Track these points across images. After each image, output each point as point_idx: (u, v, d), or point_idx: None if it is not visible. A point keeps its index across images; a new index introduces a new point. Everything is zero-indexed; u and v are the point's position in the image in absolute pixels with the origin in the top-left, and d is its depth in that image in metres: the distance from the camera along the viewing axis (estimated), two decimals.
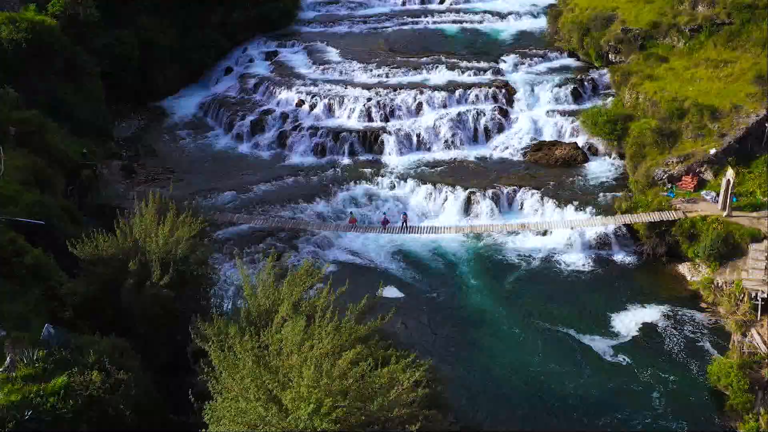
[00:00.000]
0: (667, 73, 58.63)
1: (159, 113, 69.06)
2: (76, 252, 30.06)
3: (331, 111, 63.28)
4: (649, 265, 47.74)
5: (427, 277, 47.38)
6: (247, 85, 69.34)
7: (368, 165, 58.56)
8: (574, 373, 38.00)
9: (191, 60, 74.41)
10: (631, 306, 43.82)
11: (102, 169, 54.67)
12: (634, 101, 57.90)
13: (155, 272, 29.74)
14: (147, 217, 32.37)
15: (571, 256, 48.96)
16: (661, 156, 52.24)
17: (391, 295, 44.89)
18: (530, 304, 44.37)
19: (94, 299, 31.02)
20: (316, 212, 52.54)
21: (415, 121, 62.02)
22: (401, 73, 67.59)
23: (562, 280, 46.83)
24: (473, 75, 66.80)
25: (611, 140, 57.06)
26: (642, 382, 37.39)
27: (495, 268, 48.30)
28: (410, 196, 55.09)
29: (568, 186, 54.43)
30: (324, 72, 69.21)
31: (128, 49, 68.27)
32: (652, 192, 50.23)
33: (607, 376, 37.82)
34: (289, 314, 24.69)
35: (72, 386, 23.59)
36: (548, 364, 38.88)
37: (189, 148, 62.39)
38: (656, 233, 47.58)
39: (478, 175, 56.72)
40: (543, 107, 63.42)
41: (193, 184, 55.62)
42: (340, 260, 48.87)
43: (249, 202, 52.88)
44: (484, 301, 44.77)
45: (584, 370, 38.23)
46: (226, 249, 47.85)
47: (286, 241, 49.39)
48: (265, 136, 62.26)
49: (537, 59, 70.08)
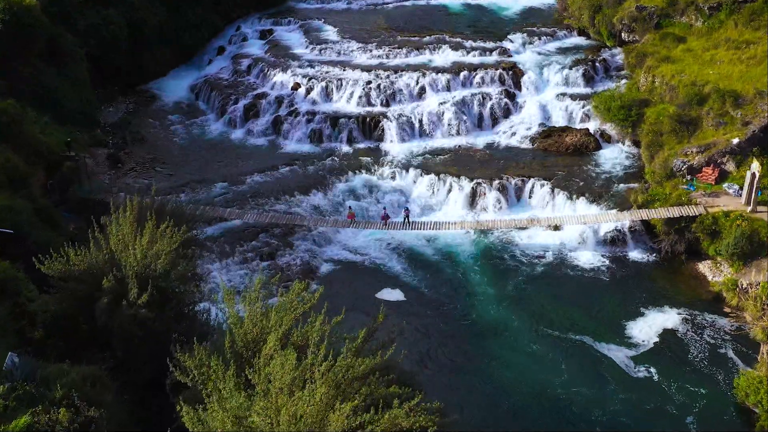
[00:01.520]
0: (685, 54, 55.23)
1: (148, 96, 65.80)
2: (44, 269, 27.18)
3: (329, 95, 59.93)
4: (667, 263, 44.81)
5: (430, 276, 44.51)
6: (240, 66, 65.95)
7: (368, 153, 55.43)
8: (593, 387, 35.20)
9: (182, 40, 71.09)
10: (649, 309, 40.98)
11: (86, 159, 51.61)
12: (650, 85, 54.57)
13: (132, 290, 26.97)
14: (124, 227, 29.45)
15: (583, 253, 46.06)
16: (679, 145, 49.07)
17: (392, 298, 42.25)
18: (541, 307, 41.54)
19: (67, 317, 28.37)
20: (313, 205, 49.53)
21: (418, 105, 58.72)
22: (403, 53, 64.12)
23: (575, 280, 43.96)
24: (479, 56, 63.34)
25: (625, 127, 53.82)
26: (665, 398, 34.59)
27: (503, 267, 45.43)
28: (412, 187, 52.05)
29: (579, 176, 51.35)
30: (321, 52, 65.74)
31: (115, 29, 64.66)
32: (670, 184, 47.14)
33: (627, 390, 34.99)
34: (277, 350, 21.85)
35: (36, 426, 21.05)
36: (564, 376, 36.09)
37: (179, 134, 59.17)
38: (675, 229, 44.57)
39: (484, 163, 53.61)
40: (552, 90, 60.13)
41: (182, 175, 52.63)
42: (338, 258, 46.03)
43: (241, 195, 49.81)
44: (491, 303, 41.93)
45: (603, 383, 35.39)
46: (217, 247, 45.02)
47: (280, 238, 46.45)
48: (258, 122, 58.99)
49: (545, 38, 66.64)
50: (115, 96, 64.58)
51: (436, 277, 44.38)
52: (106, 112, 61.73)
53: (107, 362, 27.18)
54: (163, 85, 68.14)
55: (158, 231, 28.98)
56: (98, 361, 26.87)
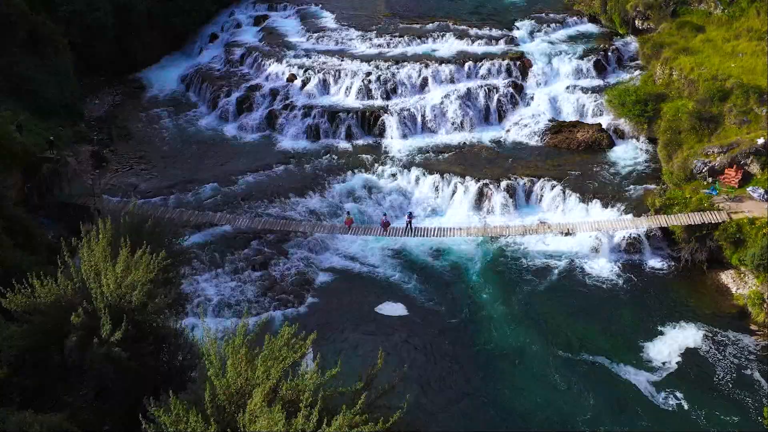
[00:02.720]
0: (704, 45, 51.97)
1: (136, 87, 62.60)
2: (5, 304, 24.29)
3: (326, 87, 56.70)
4: (686, 273, 41.97)
5: (434, 287, 41.66)
6: (233, 55, 62.61)
7: (367, 150, 52.35)
8: (614, 417, 32.40)
9: (173, 26, 67.75)
10: (668, 325, 38.22)
11: (68, 158, 48.56)
12: (667, 78, 51.41)
13: (105, 326, 24.10)
14: (97, 253, 26.52)
15: (597, 261, 43.24)
16: (699, 144, 46.04)
17: (393, 313, 39.46)
18: (554, 323, 38.74)
19: (35, 352, 25.57)
20: (309, 208, 46.52)
21: (420, 98, 55.55)
22: (404, 42, 60.78)
23: (589, 291, 41.14)
24: (484, 44, 60.04)
25: (641, 123, 50.75)
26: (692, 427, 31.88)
27: (512, 276, 42.59)
28: (414, 187, 49.06)
29: (592, 176, 48.36)
30: (318, 41, 62.38)
31: (101, 16, 61.53)
32: (690, 187, 44.19)
33: (652, 419, 32.24)
34: (264, 408, 19.06)
35: None
36: (579, 401, 33.35)
37: (168, 129, 56.00)
38: (696, 237, 41.68)
39: (490, 162, 50.58)
40: (562, 82, 56.95)
41: (170, 174, 49.61)
42: (335, 267, 43.16)
43: (233, 197, 46.81)
44: (500, 319, 39.09)
45: (626, 412, 32.60)
46: (206, 255, 42.14)
47: (274, 245, 43.51)
48: (252, 116, 55.81)
49: (554, 26, 63.29)
50: (101, 87, 61.43)
51: (440, 288, 41.54)
52: (91, 104, 58.54)
53: (79, 400, 24.55)
54: (153, 74, 64.92)
55: (133, 258, 26.09)
56: (68, 404, 24.23)
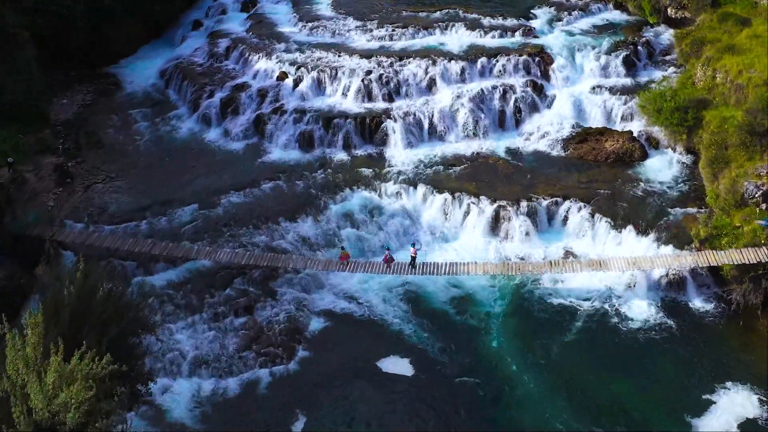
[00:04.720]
0: (751, 42, 45.47)
1: (111, 83, 56.28)
2: None
3: (321, 87, 50.34)
4: (738, 318, 36.18)
5: (444, 334, 35.98)
6: (217, 48, 56.15)
7: (368, 162, 46.27)
8: None
9: (152, 12, 61.50)
10: (719, 387, 32.65)
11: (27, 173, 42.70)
12: (710, 81, 45.10)
13: None
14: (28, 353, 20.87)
15: (633, 301, 37.51)
16: (749, 162, 39.87)
17: (397, 371, 33.88)
18: (583, 380, 33.17)
19: None
20: (301, 235, 40.61)
21: (427, 101, 49.27)
22: (409, 34, 54.25)
23: (624, 340, 35.47)
24: (498, 36, 53.51)
25: (679, 132, 44.61)
26: None
27: (534, 319, 36.93)
28: (421, 208, 43.14)
29: (624, 196, 42.34)
30: (312, 32, 55.85)
31: (69, 3, 55.19)
32: (740, 215, 38.15)
33: None
34: None
35: None
36: None
37: (144, 135, 49.80)
38: (749, 277, 35.88)
39: (507, 177, 44.53)
40: (587, 81, 50.58)
41: (144, 193, 43.65)
42: (331, 309, 37.42)
43: (214, 222, 40.88)
44: (521, 377, 33.49)
45: None
46: (182, 297, 36.44)
47: (260, 284, 37.65)
48: (238, 121, 49.54)
49: (576, 13, 56.75)
50: (71, 84, 55.16)
51: (451, 335, 35.87)
52: (59, 105, 52.30)
53: None
54: (130, 67, 58.66)
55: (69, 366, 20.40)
56: None
